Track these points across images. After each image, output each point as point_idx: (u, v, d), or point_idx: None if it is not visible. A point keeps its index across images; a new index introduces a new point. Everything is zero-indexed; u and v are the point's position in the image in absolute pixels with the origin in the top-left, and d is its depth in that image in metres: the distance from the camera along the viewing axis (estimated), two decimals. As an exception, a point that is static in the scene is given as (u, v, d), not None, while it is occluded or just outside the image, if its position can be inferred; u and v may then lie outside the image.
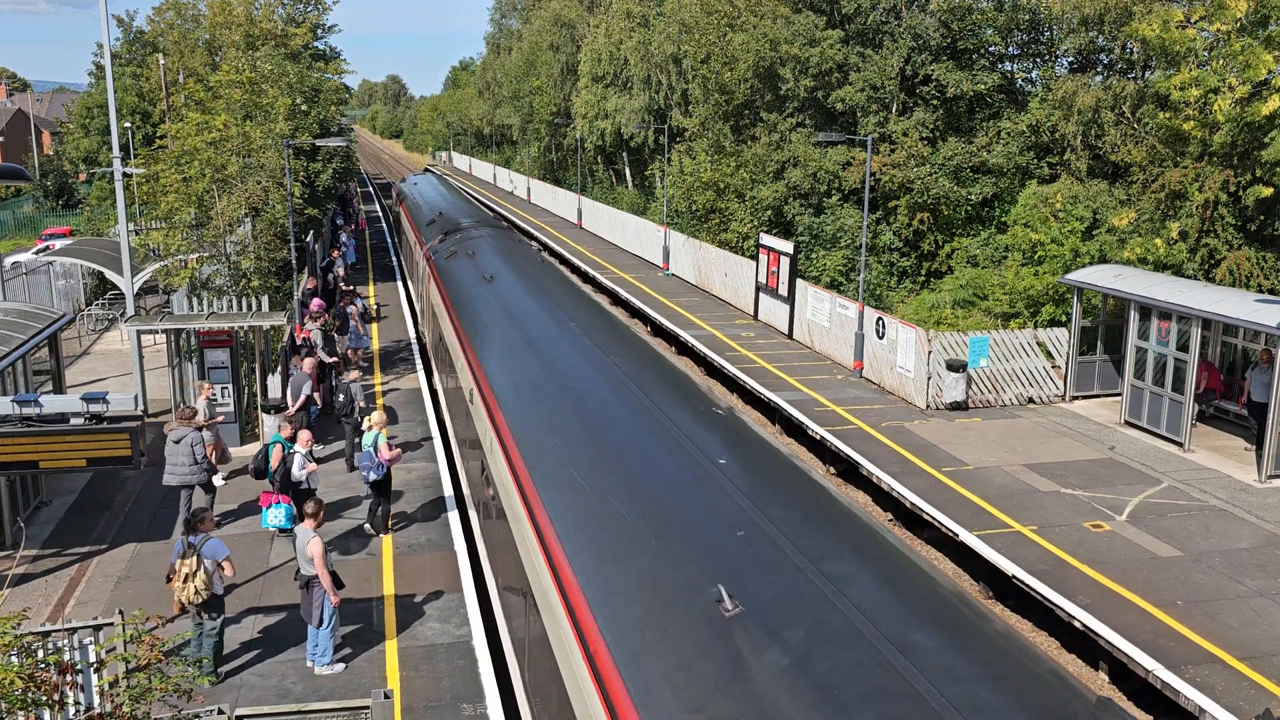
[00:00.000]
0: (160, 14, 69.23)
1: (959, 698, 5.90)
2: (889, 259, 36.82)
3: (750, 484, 9.15)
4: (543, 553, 9.17)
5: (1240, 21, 24.24)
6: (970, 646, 6.76)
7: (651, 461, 10.19)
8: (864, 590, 7.15)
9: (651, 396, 11.83)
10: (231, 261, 25.85)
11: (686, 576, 7.59)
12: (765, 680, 6.26)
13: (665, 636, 7.09)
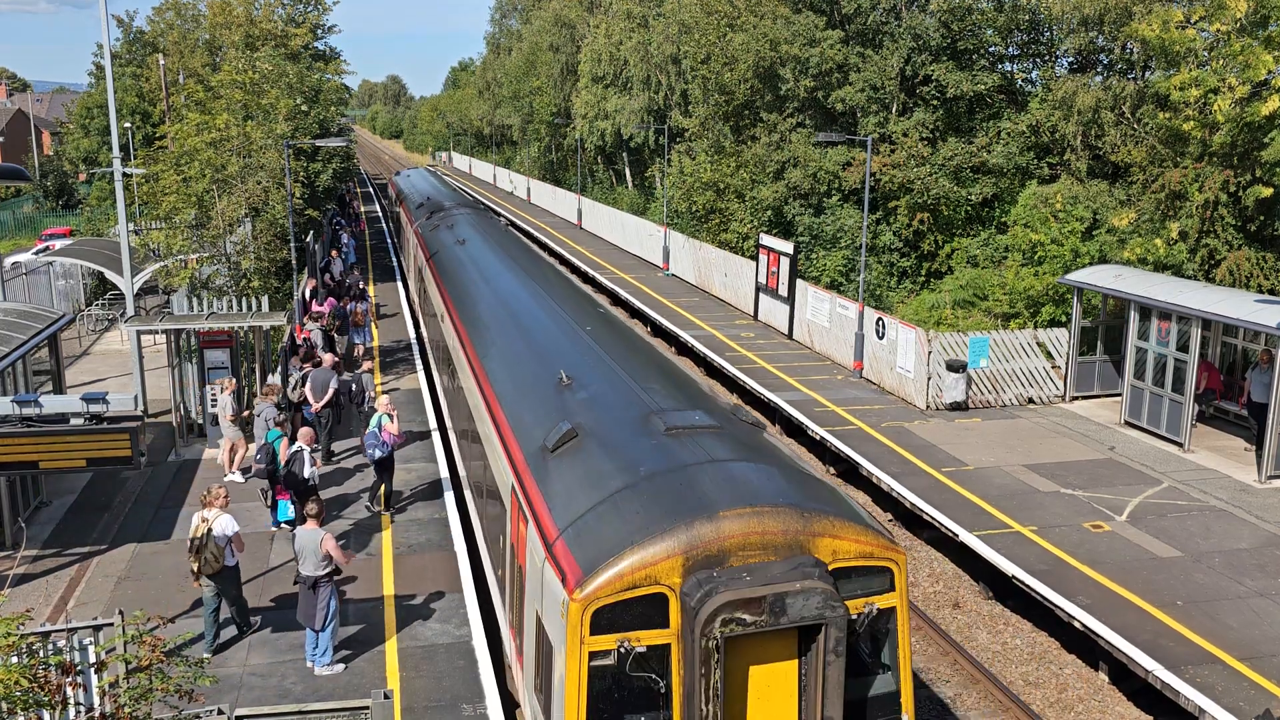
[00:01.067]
0: (160, 14, 69.23)
1: (663, 406, 11.11)
2: (889, 259, 36.81)
3: (605, 340, 15.02)
4: (476, 383, 15.32)
5: (1240, 22, 24.24)
6: (698, 406, 11.37)
7: (546, 330, 16.19)
8: (645, 380, 12.46)
9: (559, 302, 18.41)
10: (231, 262, 25.85)
11: (550, 372, 13.25)
12: (573, 405, 11.81)
13: (531, 393, 13.07)
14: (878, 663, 9.23)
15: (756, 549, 8.63)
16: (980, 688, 14.38)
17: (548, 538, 9.50)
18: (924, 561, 18.46)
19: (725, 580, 8.40)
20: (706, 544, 8.56)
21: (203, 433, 22.15)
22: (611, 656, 8.50)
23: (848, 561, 8.88)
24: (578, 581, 8.57)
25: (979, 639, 15.84)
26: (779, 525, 8.76)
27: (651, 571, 8.47)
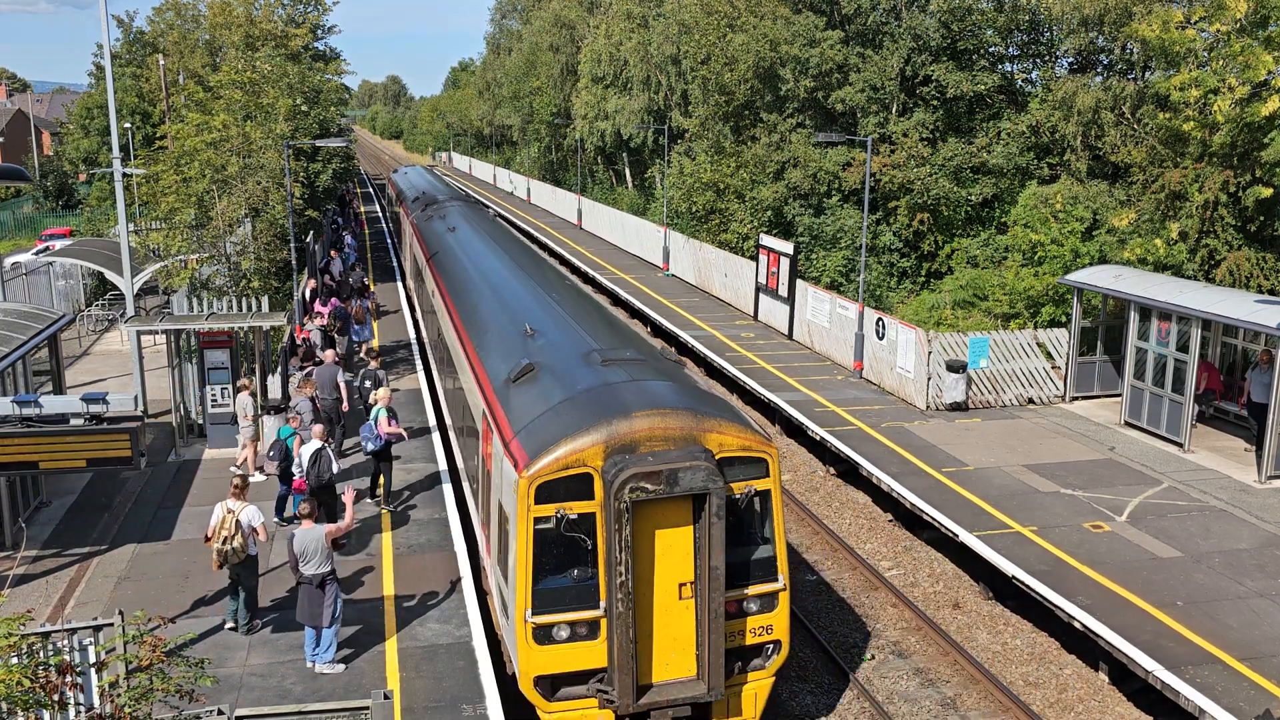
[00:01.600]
0: (160, 14, 69.23)
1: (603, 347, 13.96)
2: (889, 259, 36.82)
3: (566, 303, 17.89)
4: (459, 340, 18.18)
5: (1240, 22, 24.24)
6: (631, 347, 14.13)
7: (518, 296, 18.80)
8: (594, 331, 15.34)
9: (531, 275, 21.15)
10: (231, 262, 25.85)
11: (518, 327, 15.82)
12: (533, 349, 14.42)
13: (501, 343, 15.65)
14: (758, 534, 12.05)
15: (659, 440, 11.40)
16: (980, 688, 14.38)
17: (505, 439, 12.44)
18: (924, 562, 18.47)
19: (634, 461, 11.17)
20: (622, 436, 11.36)
21: (203, 433, 22.15)
22: (551, 521, 11.31)
23: (731, 452, 11.70)
24: (525, 464, 11.42)
25: (979, 639, 15.84)
26: (677, 423, 11.56)
27: (580, 456, 11.31)
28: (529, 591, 11.42)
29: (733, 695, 12.07)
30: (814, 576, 17.98)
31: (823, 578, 17.94)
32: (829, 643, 15.57)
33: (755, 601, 12.01)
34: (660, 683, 11.72)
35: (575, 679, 11.66)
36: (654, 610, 11.62)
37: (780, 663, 12.43)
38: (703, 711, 11.96)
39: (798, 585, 17.58)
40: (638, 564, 11.39)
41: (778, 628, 12.18)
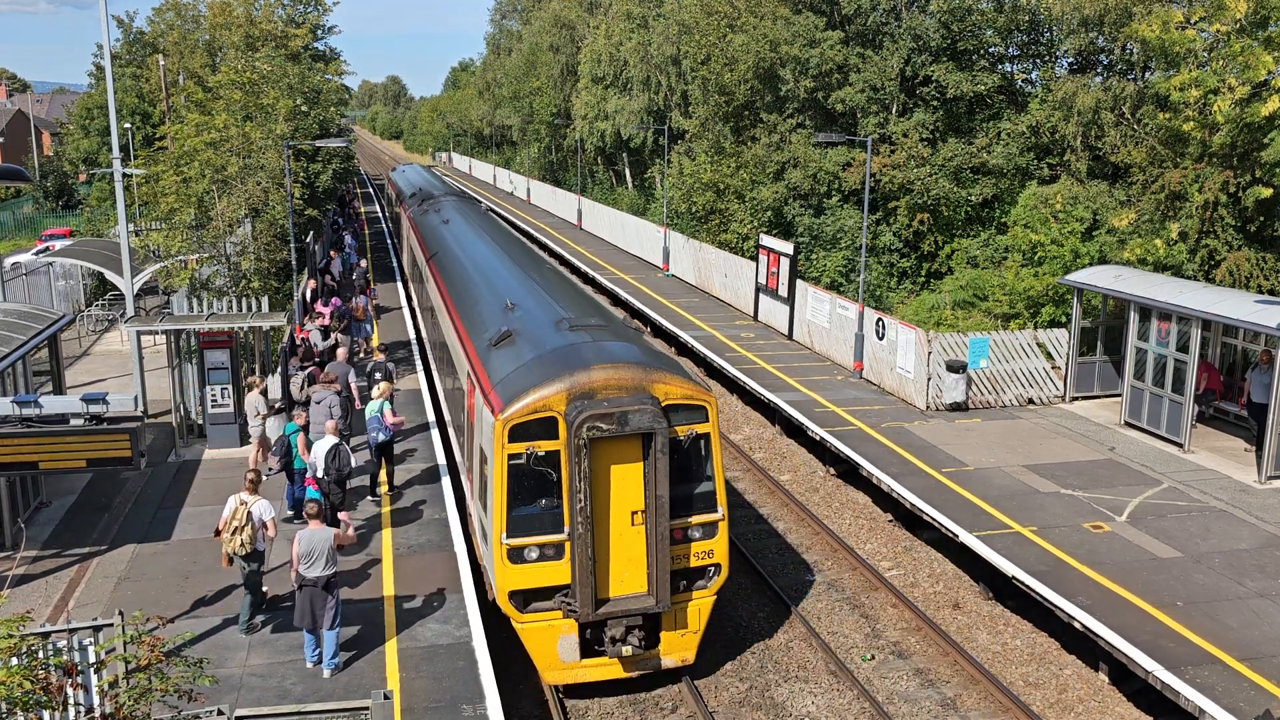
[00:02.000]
0: (160, 15, 69.22)
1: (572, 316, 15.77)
2: (889, 260, 36.82)
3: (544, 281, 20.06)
4: (448, 315, 20.40)
5: (1240, 22, 24.24)
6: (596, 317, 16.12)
7: (501, 277, 20.92)
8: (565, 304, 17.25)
9: (514, 259, 23.35)
10: (231, 262, 25.85)
11: (500, 302, 17.78)
12: (512, 319, 16.26)
13: (485, 315, 17.54)
14: (700, 471, 14.00)
15: (614, 389, 13.29)
16: (980, 688, 14.38)
17: (485, 391, 14.46)
18: (924, 562, 18.47)
19: (591, 405, 13.04)
20: (581, 385, 13.25)
21: (203, 433, 22.16)
22: (522, 458, 13.26)
23: (675, 400, 13.62)
24: (500, 409, 13.39)
25: (979, 639, 15.83)
26: (629, 375, 13.50)
27: (546, 402, 13.23)
28: (504, 518, 13.41)
29: (679, 609, 14.15)
30: (814, 577, 17.97)
31: (823, 578, 17.93)
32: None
33: (698, 529, 14.08)
34: (616, 597, 13.73)
35: (543, 594, 13.65)
36: (610, 535, 13.65)
37: (721, 583, 14.39)
38: (653, 622, 14.10)
39: (799, 585, 17.59)
40: (595, 494, 13.39)
41: (718, 552, 14.24)
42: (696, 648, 14.46)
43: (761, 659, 15.28)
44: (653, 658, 14.23)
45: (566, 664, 13.96)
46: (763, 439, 25.22)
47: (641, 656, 14.10)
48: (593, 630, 13.87)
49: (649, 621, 14.03)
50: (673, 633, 14.21)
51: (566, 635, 13.79)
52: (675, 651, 14.29)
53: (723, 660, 15.28)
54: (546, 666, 14.00)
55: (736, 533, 19.57)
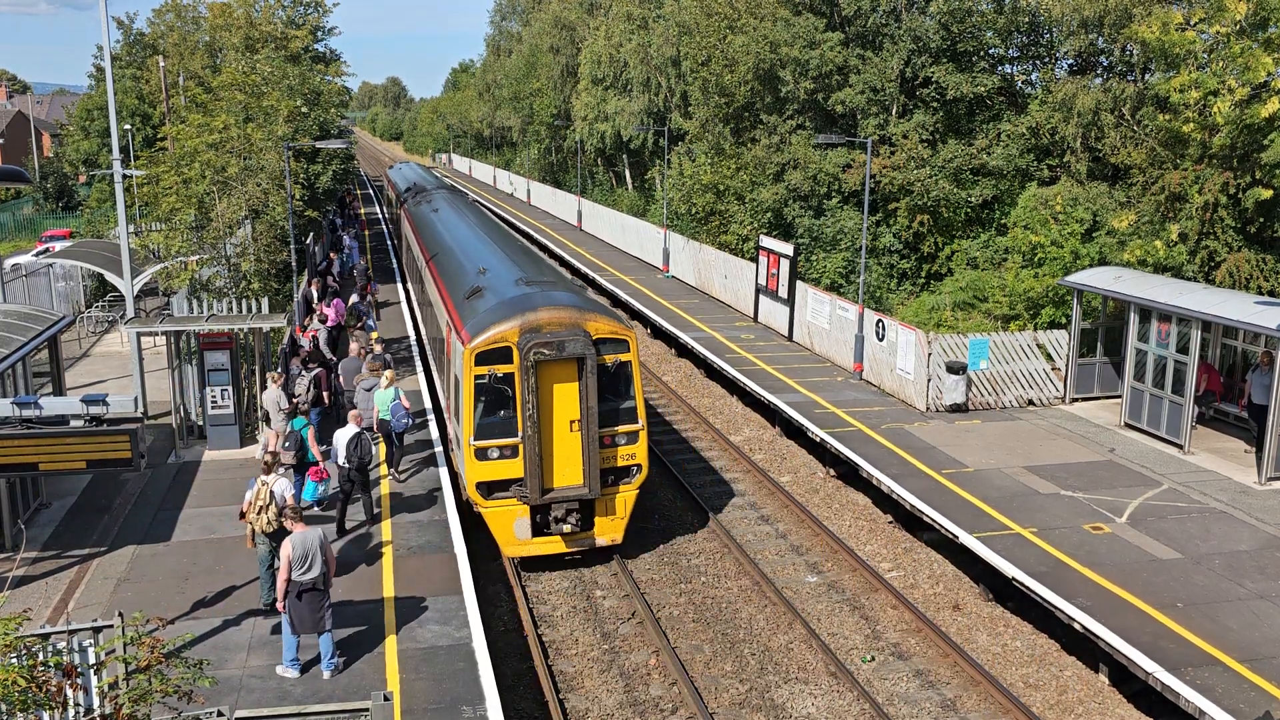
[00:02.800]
0: (160, 16, 69.30)
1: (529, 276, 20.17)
2: (889, 261, 36.81)
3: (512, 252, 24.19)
4: (433, 281, 24.11)
5: (1240, 24, 24.24)
6: (549, 277, 21.03)
7: (478, 250, 24.60)
8: (526, 268, 21.34)
9: (489, 236, 27.59)
10: (231, 263, 25.85)
11: (475, 268, 21.59)
12: (482, 280, 20.22)
13: (460, 278, 21.41)
14: (624, 392, 17.71)
15: (555, 325, 17.02)
16: (980, 690, 14.38)
17: (458, 330, 18.31)
18: (924, 563, 18.46)
19: (537, 337, 16.79)
20: (530, 323, 17.04)
21: (203, 435, 22.16)
22: (485, 378, 17.09)
23: (603, 334, 17.33)
24: (469, 341, 17.27)
25: (979, 641, 15.83)
26: (567, 315, 17.28)
27: (504, 335, 17.03)
28: (472, 426, 17.18)
29: (609, 499, 17.84)
30: (815, 578, 17.97)
31: (823, 579, 17.93)
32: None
33: (623, 437, 17.77)
34: (558, 487, 17.44)
35: (502, 486, 17.38)
36: (553, 438, 17.33)
37: (642, 479, 18.13)
38: (588, 508, 17.76)
39: (798, 585, 17.60)
40: (541, 406, 17.06)
41: (639, 455, 18.00)
42: (624, 531, 18.25)
43: (761, 660, 15.29)
44: (588, 537, 18.00)
45: (521, 540, 17.72)
46: (763, 440, 25.22)
47: (579, 535, 17.88)
48: (540, 514, 17.60)
49: (584, 507, 17.78)
50: (604, 518, 18.00)
51: (520, 518, 17.57)
52: (606, 533, 18.11)
53: (723, 657, 15.28)
54: (506, 542, 17.75)
55: (737, 532, 19.60)
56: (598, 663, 15.29)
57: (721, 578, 17.97)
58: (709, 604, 17.03)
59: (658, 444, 24.71)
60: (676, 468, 23.13)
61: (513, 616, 16.57)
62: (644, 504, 21.24)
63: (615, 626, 16.31)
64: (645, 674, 14.95)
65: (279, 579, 13.06)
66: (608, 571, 18.17)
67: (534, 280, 19.79)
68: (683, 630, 16.18)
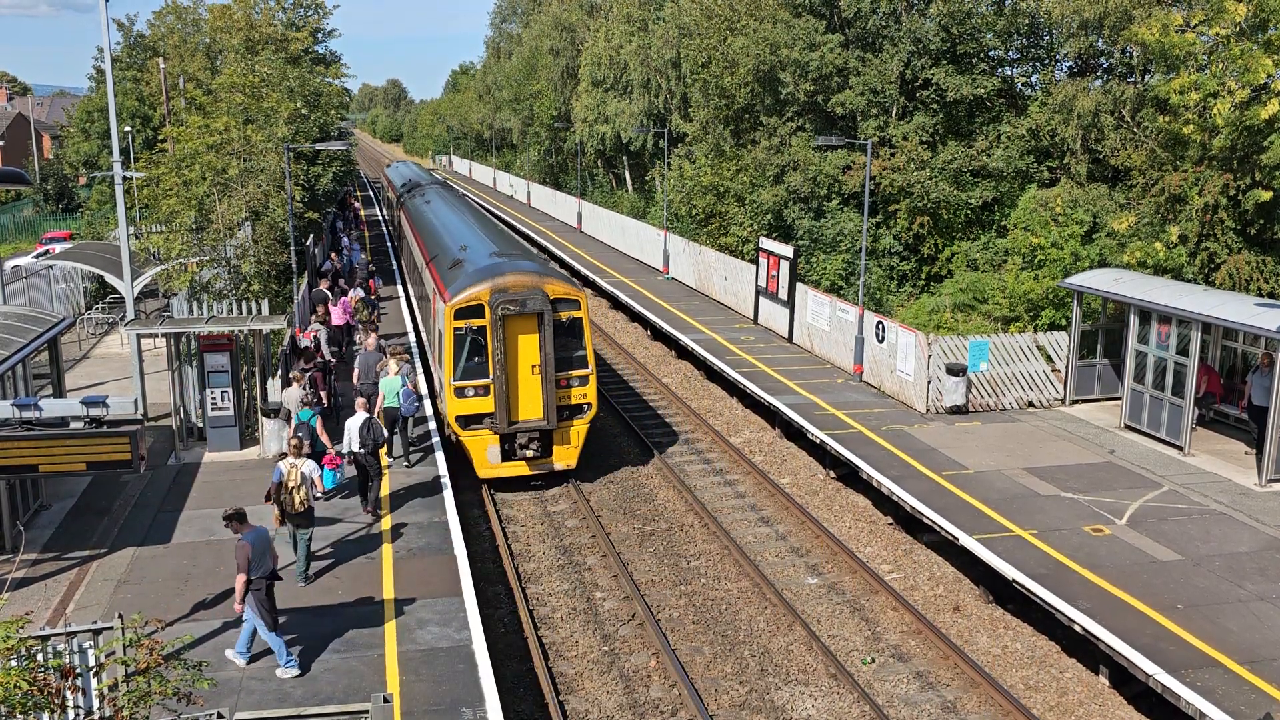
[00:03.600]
0: (161, 18, 69.32)
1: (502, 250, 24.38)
2: (889, 263, 36.81)
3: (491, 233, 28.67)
4: (423, 259, 27.98)
5: (1239, 25, 24.25)
6: (518, 250, 25.64)
7: (461, 233, 27.62)
8: (501, 246, 25.44)
9: (473, 221, 31.17)
10: (231, 265, 25.86)
11: (458, 247, 25.34)
12: (463, 255, 24.06)
13: (445, 256, 25.24)
14: (577, 343, 21.20)
15: (519, 287, 20.52)
16: (981, 691, 14.37)
17: (441, 293, 21.91)
18: (924, 565, 18.46)
19: (504, 296, 20.33)
20: (499, 285, 20.57)
21: (203, 437, 22.15)
22: (462, 330, 20.54)
23: (558, 295, 20.92)
24: (449, 299, 20.77)
25: (979, 643, 15.82)
26: (529, 278, 20.88)
27: (477, 295, 20.54)
28: (452, 369, 20.80)
29: (564, 430, 21.46)
30: (815, 579, 17.96)
31: (823, 581, 17.92)
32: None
33: (576, 380, 21.31)
34: (522, 420, 21.02)
35: (477, 419, 20.98)
36: (518, 379, 20.86)
37: (591, 415, 21.79)
38: (547, 438, 21.43)
39: (799, 586, 17.60)
40: (508, 353, 20.61)
41: (589, 396, 21.60)
42: (577, 458, 21.85)
43: (761, 662, 15.28)
44: (547, 462, 21.62)
45: (492, 464, 21.34)
46: (763, 442, 25.21)
47: (539, 460, 21.54)
48: (508, 442, 21.26)
49: (544, 437, 21.41)
50: (560, 446, 21.58)
51: (492, 445, 21.18)
52: (562, 459, 21.70)
53: (723, 659, 15.28)
54: (480, 466, 21.36)
55: (738, 534, 19.61)
56: (598, 664, 15.29)
57: (722, 579, 17.97)
58: (709, 605, 17.03)
59: (658, 445, 24.71)
60: (678, 469, 23.13)
61: (513, 618, 16.57)
62: (645, 507, 21.24)
63: (615, 628, 16.31)
64: (645, 676, 14.95)
65: (238, 580, 13.12)
66: (608, 574, 18.17)
67: (504, 253, 23.69)
68: (683, 632, 16.18)
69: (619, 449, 24.81)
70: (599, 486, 22.35)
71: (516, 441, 21.19)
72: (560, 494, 21.94)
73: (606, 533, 19.74)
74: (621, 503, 21.47)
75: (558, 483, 21.99)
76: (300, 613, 14.75)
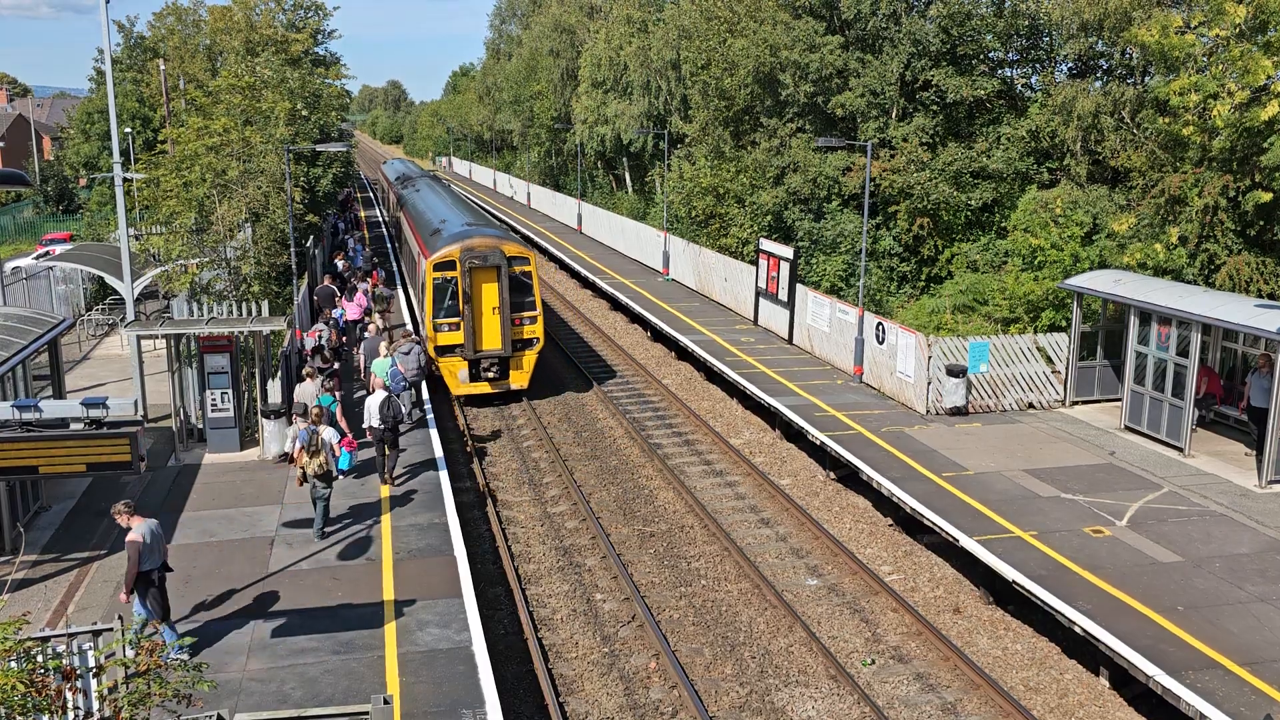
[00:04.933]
0: (161, 19, 69.35)
1: (473, 223, 31.03)
2: (889, 264, 36.82)
3: (467, 212, 35.10)
4: (411, 235, 34.86)
5: (1239, 27, 24.26)
6: (488, 223, 32.32)
7: (441, 213, 33.80)
8: (473, 220, 31.73)
9: (453, 202, 37.80)
10: (231, 266, 25.87)
11: (439, 220, 31.87)
12: (441, 227, 30.30)
13: (427, 230, 31.27)
14: (528, 290, 27.11)
15: (483, 246, 26.71)
16: (981, 693, 14.36)
17: (424, 252, 27.96)
18: (924, 566, 18.45)
19: (472, 253, 26.41)
20: (468, 245, 26.65)
21: (203, 438, 22.15)
22: (440, 280, 26.51)
23: (512, 253, 27.04)
24: (429, 257, 26.87)
25: (979, 644, 15.82)
26: (490, 240, 27.29)
27: (451, 253, 26.56)
28: (432, 311, 26.72)
29: (518, 358, 27.49)
30: (815, 581, 17.96)
31: (824, 582, 17.92)
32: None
33: (527, 320, 27.26)
34: (485, 349, 26.92)
35: (452, 349, 26.90)
36: (482, 318, 26.67)
37: (539, 347, 27.76)
38: (504, 364, 27.41)
39: (799, 588, 17.60)
40: (474, 298, 26.48)
41: (538, 332, 27.57)
42: (528, 381, 27.93)
43: (762, 663, 15.27)
44: (505, 383, 27.74)
45: (463, 384, 27.49)
46: (763, 443, 25.21)
47: (499, 381, 27.66)
48: (474, 366, 27.31)
49: (501, 363, 27.48)
50: (515, 371, 27.70)
51: (462, 369, 27.26)
52: (516, 381, 27.81)
53: (723, 660, 15.28)
54: (454, 386, 27.54)
55: (738, 535, 19.60)
56: (598, 666, 15.29)
57: (722, 580, 17.96)
58: (709, 607, 17.03)
59: (658, 446, 24.71)
60: (678, 470, 23.13)
61: (513, 620, 16.57)
62: (646, 509, 21.24)
63: (615, 630, 16.30)
64: (645, 677, 14.94)
65: (128, 572, 13.32)
66: (608, 575, 18.17)
67: (473, 224, 30.05)
68: (683, 633, 16.17)
69: (620, 450, 24.81)
70: (599, 488, 22.35)
71: (481, 366, 27.32)
72: (560, 495, 21.94)
73: (607, 534, 19.73)
74: (622, 504, 21.47)
75: (514, 400, 28.33)
76: (300, 613, 14.75)
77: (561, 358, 33.92)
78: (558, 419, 27.29)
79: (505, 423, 27.04)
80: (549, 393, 29.55)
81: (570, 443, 25.40)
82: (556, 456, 23.91)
